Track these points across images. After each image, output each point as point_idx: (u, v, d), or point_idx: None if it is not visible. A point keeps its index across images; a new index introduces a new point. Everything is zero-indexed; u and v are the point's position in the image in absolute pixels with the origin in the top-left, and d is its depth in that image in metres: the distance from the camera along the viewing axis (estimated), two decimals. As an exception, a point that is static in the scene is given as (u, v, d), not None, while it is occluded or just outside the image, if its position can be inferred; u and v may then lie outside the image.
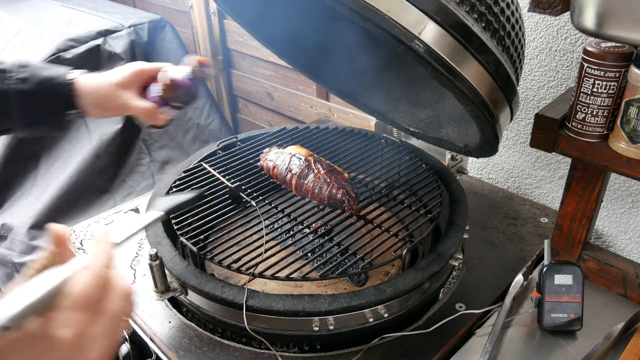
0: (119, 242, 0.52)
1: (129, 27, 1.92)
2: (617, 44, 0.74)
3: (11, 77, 0.81)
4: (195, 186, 1.03)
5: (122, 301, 0.43)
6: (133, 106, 0.85)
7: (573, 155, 0.83)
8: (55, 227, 0.43)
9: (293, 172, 0.97)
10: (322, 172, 0.95)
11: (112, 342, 0.42)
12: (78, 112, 0.85)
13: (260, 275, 0.81)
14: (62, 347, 0.38)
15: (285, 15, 1.01)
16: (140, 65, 0.87)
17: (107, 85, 0.84)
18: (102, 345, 0.41)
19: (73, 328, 0.39)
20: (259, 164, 1.07)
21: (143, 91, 0.87)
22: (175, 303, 0.94)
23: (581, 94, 0.78)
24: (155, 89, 0.86)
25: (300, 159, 0.98)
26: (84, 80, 0.84)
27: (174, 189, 1.02)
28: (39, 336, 0.38)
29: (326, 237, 0.91)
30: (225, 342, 0.85)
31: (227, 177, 1.05)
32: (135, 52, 1.90)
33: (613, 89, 0.75)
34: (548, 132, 0.84)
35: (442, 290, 0.93)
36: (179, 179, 1.05)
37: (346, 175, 0.96)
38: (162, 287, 0.84)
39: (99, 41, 1.83)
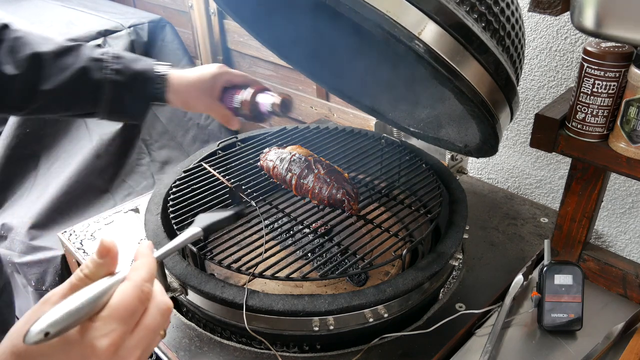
0: (159, 256, 0.53)
1: (129, 27, 1.92)
2: (617, 44, 0.74)
3: (107, 67, 0.86)
4: (195, 186, 1.03)
5: (160, 316, 0.44)
6: (214, 110, 0.94)
7: (573, 155, 0.83)
8: (105, 239, 0.44)
9: (293, 172, 0.97)
10: (322, 172, 0.94)
11: (145, 355, 0.43)
12: (163, 104, 0.92)
13: (260, 275, 0.81)
14: (98, 355, 0.40)
15: (285, 15, 1.01)
16: (225, 70, 0.93)
17: (195, 86, 0.91)
18: (136, 357, 0.42)
19: (110, 338, 0.40)
20: (259, 164, 1.07)
21: (222, 92, 0.94)
22: (175, 303, 0.94)
23: (581, 94, 0.77)
24: (237, 101, 0.92)
25: (300, 159, 0.98)
26: (174, 76, 0.90)
27: (174, 189, 1.02)
28: (77, 343, 0.39)
29: (326, 237, 0.91)
30: (225, 342, 0.85)
31: (227, 177, 1.05)
32: (136, 52, 1.90)
33: (613, 89, 0.75)
34: (548, 132, 0.84)
35: (442, 290, 0.93)
36: (179, 179, 1.05)
37: (346, 175, 0.96)
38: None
39: (99, 41, 1.83)
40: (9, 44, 0.81)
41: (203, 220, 0.70)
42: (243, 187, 1.01)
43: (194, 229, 0.67)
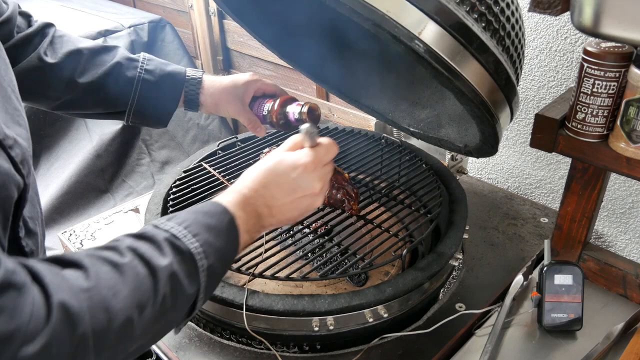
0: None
1: (129, 27, 1.92)
2: (617, 44, 0.74)
3: (140, 67, 0.90)
4: (195, 186, 1.03)
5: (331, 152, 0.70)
6: (244, 116, 0.95)
7: (573, 155, 0.83)
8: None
9: (293, 172, 0.97)
10: (322, 172, 0.94)
11: (325, 187, 0.69)
12: (195, 108, 0.95)
13: (260, 275, 0.81)
14: (305, 165, 0.66)
15: (285, 15, 1.01)
16: (257, 79, 0.96)
17: (228, 90, 0.93)
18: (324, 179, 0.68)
19: (321, 182, 0.67)
20: (259, 164, 1.07)
21: (252, 100, 0.96)
22: (175, 303, 0.94)
23: (581, 94, 0.78)
24: (266, 109, 0.93)
25: (300, 159, 0.98)
26: (208, 79, 0.94)
27: (174, 189, 1.02)
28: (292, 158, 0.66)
29: (326, 237, 0.91)
30: (225, 342, 0.85)
31: (227, 177, 1.05)
32: (135, 52, 1.89)
33: (613, 89, 0.75)
34: (548, 132, 0.84)
35: (442, 290, 0.93)
36: (179, 179, 1.05)
37: (346, 175, 0.96)
38: (162, 287, 0.84)
39: (99, 41, 1.82)
40: (51, 39, 0.86)
41: None
42: (243, 187, 1.01)
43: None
